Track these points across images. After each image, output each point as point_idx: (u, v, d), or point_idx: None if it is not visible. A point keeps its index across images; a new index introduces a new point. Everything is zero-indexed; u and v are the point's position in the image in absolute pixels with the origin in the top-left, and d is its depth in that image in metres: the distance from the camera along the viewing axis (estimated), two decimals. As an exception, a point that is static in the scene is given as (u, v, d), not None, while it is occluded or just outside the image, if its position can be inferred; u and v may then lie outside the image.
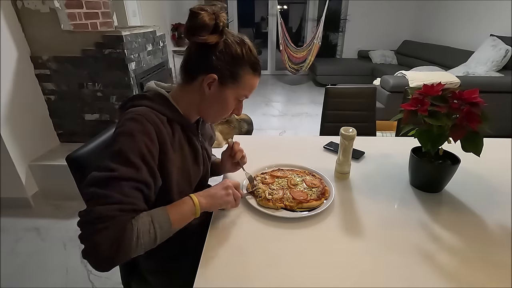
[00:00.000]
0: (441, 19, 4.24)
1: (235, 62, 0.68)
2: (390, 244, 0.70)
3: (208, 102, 0.73)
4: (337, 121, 1.64)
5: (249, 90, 0.74)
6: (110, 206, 0.55)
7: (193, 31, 0.64)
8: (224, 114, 0.76)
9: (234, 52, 0.68)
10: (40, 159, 1.96)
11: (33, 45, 1.90)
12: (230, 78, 0.70)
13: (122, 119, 0.65)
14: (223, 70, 0.68)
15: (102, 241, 0.53)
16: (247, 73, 0.71)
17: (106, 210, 0.54)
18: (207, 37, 0.65)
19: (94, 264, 0.54)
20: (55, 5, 1.80)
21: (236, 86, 0.71)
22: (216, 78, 0.68)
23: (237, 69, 0.69)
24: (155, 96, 0.71)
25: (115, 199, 0.56)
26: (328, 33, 5.31)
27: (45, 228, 1.75)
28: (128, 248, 0.55)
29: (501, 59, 2.85)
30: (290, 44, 4.64)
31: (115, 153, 0.60)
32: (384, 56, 4.82)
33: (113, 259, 0.54)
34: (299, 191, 0.86)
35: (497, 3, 3.21)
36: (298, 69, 4.79)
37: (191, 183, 0.79)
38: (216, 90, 0.70)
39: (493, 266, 0.64)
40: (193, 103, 0.74)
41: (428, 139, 0.81)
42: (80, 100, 2.04)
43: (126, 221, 0.56)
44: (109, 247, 0.53)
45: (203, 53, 0.68)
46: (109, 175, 0.57)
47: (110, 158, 0.59)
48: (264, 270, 0.63)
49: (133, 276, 0.91)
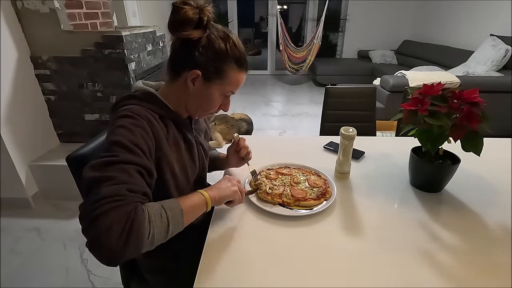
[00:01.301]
0: (441, 19, 4.24)
1: (219, 57, 0.67)
2: (390, 244, 0.70)
3: (193, 98, 0.72)
4: (337, 121, 1.64)
5: (235, 86, 0.73)
6: (118, 185, 0.52)
7: (176, 26, 0.63)
8: (210, 109, 0.76)
9: (217, 48, 0.66)
10: (40, 159, 1.96)
11: (33, 45, 1.90)
12: (215, 74, 0.68)
13: (114, 118, 0.65)
14: (207, 66, 0.67)
15: (113, 223, 0.48)
16: (231, 68, 0.69)
17: (115, 190, 0.51)
18: (190, 32, 0.63)
19: (102, 254, 0.49)
20: (55, 5, 1.80)
21: (221, 82, 0.70)
22: (200, 74, 0.67)
23: (221, 65, 0.68)
24: (144, 95, 0.71)
25: (122, 179, 0.53)
26: (328, 33, 5.31)
27: (45, 228, 1.75)
28: (141, 232, 0.51)
29: (501, 59, 2.85)
30: (290, 44, 4.64)
31: (113, 143, 0.58)
32: (384, 56, 4.82)
33: (124, 246, 0.48)
34: (299, 189, 0.87)
35: (497, 3, 3.21)
36: (298, 69, 4.79)
37: (189, 179, 0.79)
38: (200, 86, 0.70)
39: (493, 266, 0.63)
40: (181, 99, 0.74)
41: (428, 139, 0.81)
42: (80, 100, 2.04)
43: (136, 202, 0.53)
44: (120, 230, 0.48)
45: (186, 49, 0.66)
46: (111, 158, 0.55)
47: (109, 146, 0.58)
48: (264, 269, 0.63)
49: (133, 277, 0.92)
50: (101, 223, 0.48)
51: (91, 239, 0.49)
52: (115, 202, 0.50)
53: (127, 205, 0.51)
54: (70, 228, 1.75)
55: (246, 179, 0.93)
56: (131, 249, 0.50)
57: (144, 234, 0.51)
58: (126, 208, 0.51)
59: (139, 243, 0.51)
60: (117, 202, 0.50)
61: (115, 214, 0.49)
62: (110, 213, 0.49)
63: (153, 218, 0.54)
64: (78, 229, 1.75)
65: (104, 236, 0.48)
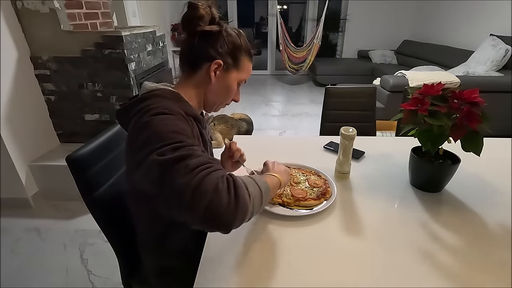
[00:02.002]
0: (441, 19, 4.24)
1: (236, 49, 0.73)
2: (390, 244, 0.70)
3: (213, 89, 0.75)
4: (337, 121, 1.64)
5: (247, 74, 0.80)
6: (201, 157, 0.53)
7: (194, 21, 0.67)
8: (227, 99, 0.80)
9: (235, 41, 0.73)
10: (40, 159, 1.96)
11: (33, 45, 1.90)
12: (233, 64, 0.74)
13: (143, 117, 0.60)
14: (226, 57, 0.72)
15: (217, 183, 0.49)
16: (245, 59, 0.76)
17: (201, 160, 0.52)
18: (209, 26, 0.69)
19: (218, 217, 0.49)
20: (55, 6, 1.80)
21: (237, 71, 0.76)
22: (222, 63, 0.72)
23: (238, 55, 0.74)
24: (169, 94, 0.69)
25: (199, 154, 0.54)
26: (328, 33, 5.31)
27: (45, 228, 1.75)
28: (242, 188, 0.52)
29: (501, 59, 2.85)
30: (290, 44, 4.64)
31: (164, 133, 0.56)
32: (384, 56, 4.82)
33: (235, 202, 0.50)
34: (299, 189, 0.87)
35: (497, 2, 3.21)
36: (298, 69, 4.79)
37: None
38: (221, 76, 0.74)
39: (493, 266, 0.63)
40: (200, 93, 0.76)
41: (428, 138, 0.81)
42: (80, 101, 2.04)
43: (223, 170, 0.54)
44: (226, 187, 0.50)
45: (206, 42, 0.71)
46: (177, 144, 0.54)
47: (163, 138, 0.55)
48: (264, 269, 0.63)
49: (133, 276, 0.92)
50: (206, 188, 0.49)
51: (203, 207, 0.48)
52: (208, 169, 0.51)
53: (220, 170, 0.53)
54: (70, 228, 1.75)
55: None
56: (241, 205, 0.51)
57: (245, 191, 0.53)
58: (221, 172, 0.53)
59: (245, 200, 0.52)
60: (210, 169, 0.52)
61: (215, 177, 0.51)
62: (209, 177, 0.50)
63: (248, 184, 0.55)
64: (78, 229, 1.76)
65: (214, 197, 0.49)
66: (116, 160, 0.93)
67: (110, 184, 0.88)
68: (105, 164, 0.87)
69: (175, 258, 0.81)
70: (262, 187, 0.59)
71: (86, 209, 0.80)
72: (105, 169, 0.87)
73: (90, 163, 0.81)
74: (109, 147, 0.91)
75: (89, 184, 0.81)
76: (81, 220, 1.82)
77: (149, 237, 0.78)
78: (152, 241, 0.78)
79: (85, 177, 0.79)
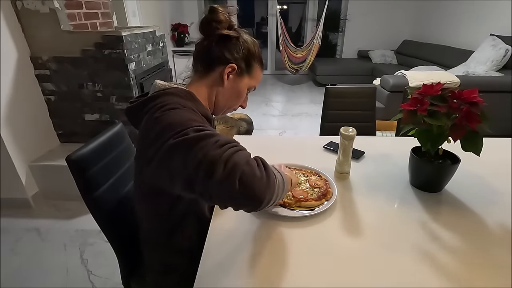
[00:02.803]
0: (441, 18, 4.24)
1: (250, 56, 0.76)
2: (390, 244, 0.70)
3: (224, 92, 0.76)
4: (337, 121, 1.64)
5: (257, 82, 0.82)
6: (225, 137, 0.53)
7: (213, 24, 0.70)
8: (237, 103, 0.82)
9: (250, 48, 0.76)
10: (40, 160, 1.96)
11: (33, 45, 1.90)
12: (246, 70, 0.77)
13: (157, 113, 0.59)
14: (240, 62, 0.75)
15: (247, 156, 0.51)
16: (257, 66, 0.79)
17: (227, 139, 0.53)
18: (229, 31, 0.71)
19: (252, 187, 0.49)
20: (54, 6, 1.80)
21: (249, 77, 0.78)
22: (236, 68, 0.74)
23: (251, 62, 0.77)
24: (182, 92, 0.68)
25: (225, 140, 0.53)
26: (328, 33, 5.31)
27: (45, 229, 1.75)
28: (268, 167, 0.53)
29: (501, 59, 2.85)
30: (290, 44, 4.64)
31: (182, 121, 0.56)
32: (384, 56, 4.82)
33: (267, 176, 0.51)
34: (300, 190, 0.87)
35: (497, 2, 3.21)
36: (298, 69, 4.79)
37: None
38: (233, 80, 0.76)
39: (493, 266, 0.63)
40: (211, 94, 0.77)
41: (428, 138, 0.81)
42: (80, 101, 2.04)
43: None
44: (255, 163, 0.51)
45: (222, 45, 0.73)
46: (197, 127, 0.54)
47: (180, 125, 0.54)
48: (264, 269, 0.63)
49: (133, 276, 0.92)
50: (238, 160, 0.49)
51: (237, 177, 0.48)
52: (236, 147, 0.52)
53: (246, 151, 0.54)
54: (70, 228, 1.75)
55: None
56: (271, 182, 0.52)
57: (272, 172, 0.54)
58: (247, 152, 0.54)
59: (274, 178, 0.54)
60: (238, 147, 0.53)
61: (244, 154, 0.52)
62: (239, 153, 0.51)
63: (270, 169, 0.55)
64: (78, 229, 1.77)
65: (247, 169, 0.49)
66: (116, 160, 0.93)
67: (110, 184, 0.88)
68: (105, 164, 0.87)
69: (180, 255, 0.81)
70: (284, 176, 0.63)
71: (86, 209, 0.80)
72: (105, 169, 0.87)
73: (90, 163, 0.82)
74: (109, 147, 0.91)
75: (89, 184, 0.81)
76: (81, 220, 1.82)
77: (154, 234, 0.78)
78: (157, 238, 0.78)
79: (85, 177, 0.80)
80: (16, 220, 1.82)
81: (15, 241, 1.66)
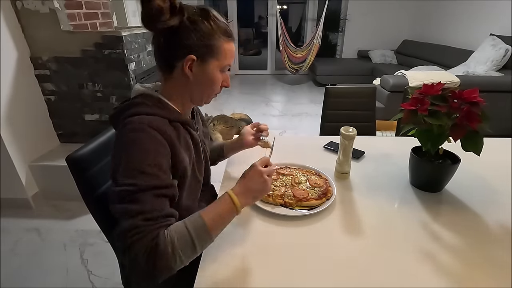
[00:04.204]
0: (441, 18, 4.24)
1: (207, 35, 0.65)
2: (390, 244, 0.70)
3: (195, 84, 0.70)
4: (337, 121, 1.64)
5: (230, 57, 0.71)
6: (134, 218, 0.55)
7: (152, 19, 0.61)
8: (214, 90, 0.74)
9: (202, 27, 0.65)
10: (40, 160, 1.96)
11: (33, 45, 1.90)
12: (208, 53, 0.67)
13: (123, 131, 0.62)
14: (198, 47, 0.66)
15: (137, 254, 0.53)
16: (222, 42, 0.68)
17: (131, 224, 0.55)
18: (168, 20, 0.62)
19: (138, 276, 0.55)
20: (54, 6, 1.80)
21: (217, 58, 0.68)
22: (195, 58, 0.66)
23: (212, 41, 0.66)
24: (152, 101, 0.69)
25: (137, 210, 0.56)
26: (328, 33, 5.31)
27: (45, 229, 1.75)
28: (165, 258, 0.54)
29: (501, 59, 2.85)
30: (290, 44, 4.64)
31: (128, 169, 0.59)
32: (384, 56, 4.82)
33: (154, 270, 0.54)
34: (301, 189, 0.87)
35: (497, 2, 3.21)
36: (298, 69, 4.79)
37: (199, 179, 0.80)
38: (199, 70, 0.68)
39: (493, 266, 0.64)
40: (184, 92, 0.73)
41: (428, 138, 0.81)
42: (80, 101, 2.04)
43: (157, 229, 0.56)
44: (145, 260, 0.53)
45: (171, 39, 0.65)
46: (128, 189, 0.57)
47: (125, 173, 0.59)
48: (264, 269, 0.63)
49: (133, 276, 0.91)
50: (128, 255, 0.54)
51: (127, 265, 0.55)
52: (134, 236, 0.54)
53: (144, 237, 0.54)
54: (70, 228, 1.75)
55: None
56: (162, 272, 0.55)
57: (169, 258, 0.54)
58: (146, 239, 0.54)
59: (168, 266, 0.55)
60: (135, 236, 0.54)
61: (137, 247, 0.53)
62: (132, 246, 0.53)
63: (176, 241, 0.55)
64: (78, 230, 1.76)
65: (134, 264, 0.54)
66: (116, 160, 0.92)
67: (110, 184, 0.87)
68: (105, 164, 0.87)
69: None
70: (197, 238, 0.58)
71: (86, 209, 0.80)
72: (105, 169, 0.87)
73: (90, 163, 0.81)
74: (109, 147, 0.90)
75: (89, 184, 0.81)
76: (81, 220, 1.82)
77: None
78: None
79: (85, 177, 0.79)
80: (16, 220, 1.82)
81: (15, 241, 1.66)
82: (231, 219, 0.64)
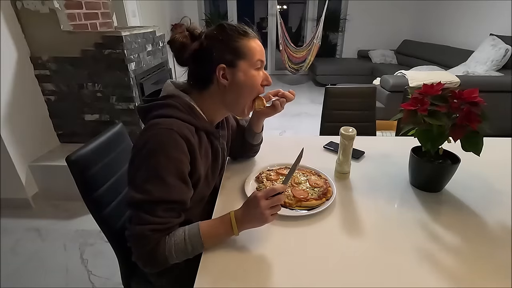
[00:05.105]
0: (441, 18, 4.24)
1: (227, 41, 0.70)
2: (390, 244, 0.70)
3: (235, 91, 0.73)
4: (337, 121, 1.64)
5: (258, 53, 0.73)
6: (143, 227, 0.63)
7: (180, 53, 0.70)
8: (254, 91, 0.76)
9: (221, 37, 0.70)
10: (40, 160, 1.96)
11: (33, 45, 1.90)
12: (235, 56, 0.70)
13: (152, 130, 0.65)
14: (224, 55, 0.70)
15: (140, 257, 0.65)
16: (242, 41, 0.71)
17: (139, 231, 0.63)
18: (191, 47, 0.70)
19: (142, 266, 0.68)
20: (54, 6, 1.80)
21: (244, 59, 0.71)
22: (225, 66, 0.70)
23: (233, 45, 0.70)
24: (184, 107, 0.71)
25: (148, 220, 0.63)
26: (327, 33, 5.31)
27: (45, 229, 1.75)
28: (162, 257, 0.64)
29: (501, 59, 2.85)
30: (290, 44, 4.64)
31: (150, 174, 0.63)
32: (384, 56, 4.82)
33: (152, 267, 0.67)
34: (301, 189, 0.87)
35: (497, 2, 3.21)
36: (298, 69, 4.79)
37: (210, 185, 0.83)
38: (232, 75, 0.71)
39: (493, 266, 0.63)
40: (220, 104, 0.76)
41: (428, 138, 0.81)
42: (80, 101, 2.04)
43: (159, 238, 0.64)
44: (145, 260, 0.65)
45: (199, 59, 0.71)
46: (144, 198, 0.63)
47: (146, 178, 0.63)
48: (264, 269, 0.63)
49: (133, 276, 0.92)
50: (134, 254, 0.66)
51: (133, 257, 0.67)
52: (141, 242, 0.64)
53: (148, 245, 0.63)
54: (70, 228, 1.75)
55: (250, 175, 0.96)
56: (158, 267, 0.67)
57: (166, 258, 0.65)
58: (150, 246, 0.63)
59: (163, 264, 0.66)
60: (141, 242, 0.64)
61: (141, 251, 0.65)
62: (136, 250, 0.65)
63: (173, 248, 0.65)
64: (78, 229, 1.77)
65: (137, 260, 0.67)
66: (116, 160, 0.93)
67: (110, 184, 0.88)
68: (105, 164, 0.87)
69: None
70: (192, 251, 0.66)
71: (86, 209, 0.80)
72: (105, 169, 0.87)
73: (90, 163, 0.82)
74: (109, 147, 0.91)
75: (89, 184, 0.81)
76: (81, 220, 1.82)
77: None
78: None
79: (85, 177, 0.80)
80: (16, 220, 1.82)
81: (15, 241, 1.66)
82: (227, 238, 0.70)
